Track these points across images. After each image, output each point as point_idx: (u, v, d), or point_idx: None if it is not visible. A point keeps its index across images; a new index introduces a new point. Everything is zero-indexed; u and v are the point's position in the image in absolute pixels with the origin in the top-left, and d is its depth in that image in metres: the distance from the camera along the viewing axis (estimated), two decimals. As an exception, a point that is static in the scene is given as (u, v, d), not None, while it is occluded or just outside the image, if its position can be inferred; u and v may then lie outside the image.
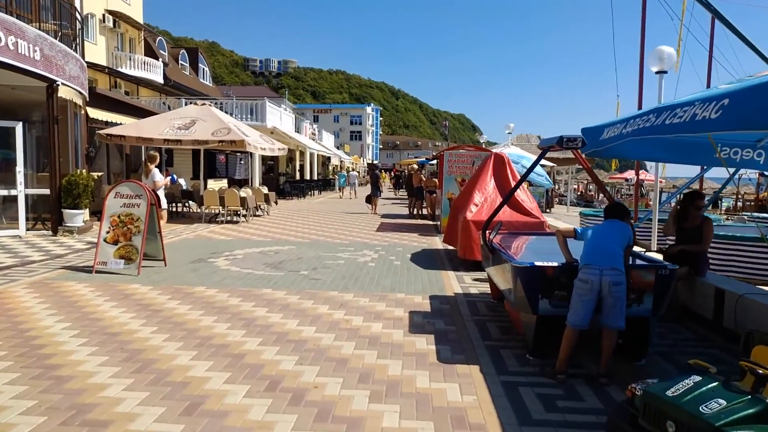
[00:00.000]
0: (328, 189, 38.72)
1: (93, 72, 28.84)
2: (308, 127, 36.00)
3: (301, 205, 23.64)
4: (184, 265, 8.51)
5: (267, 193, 17.27)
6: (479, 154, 13.86)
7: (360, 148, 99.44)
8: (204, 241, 11.39)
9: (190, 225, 14.18)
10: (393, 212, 20.55)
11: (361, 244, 11.52)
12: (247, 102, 26.68)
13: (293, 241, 11.72)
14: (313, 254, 9.94)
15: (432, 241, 12.29)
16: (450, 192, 13.81)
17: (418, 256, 10.02)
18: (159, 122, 15.23)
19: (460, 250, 8.69)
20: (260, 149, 15.99)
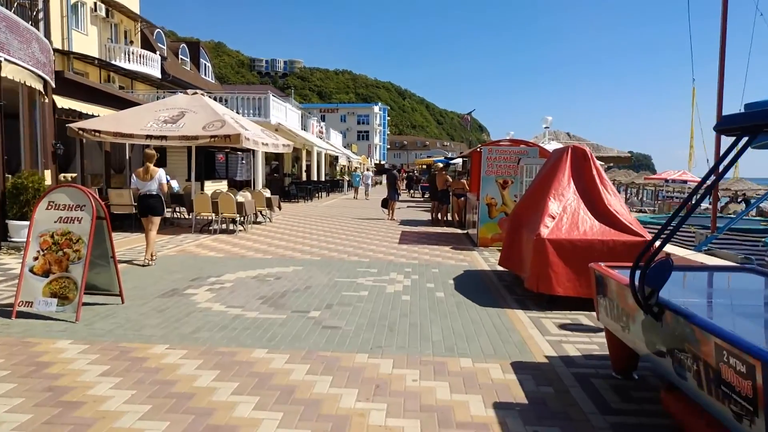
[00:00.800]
0: (336, 190, 36.38)
1: (83, 65, 26.66)
2: (315, 125, 33.66)
3: (309, 209, 21.29)
4: (149, 302, 6.15)
5: (269, 197, 14.94)
6: (525, 150, 11.43)
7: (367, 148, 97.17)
8: (188, 259, 9.03)
9: (176, 236, 11.84)
10: (412, 218, 18.17)
11: (384, 262, 9.14)
12: (249, 96, 24.38)
13: (299, 258, 9.35)
14: (325, 279, 7.57)
15: (472, 258, 9.89)
16: (489, 196, 11.42)
17: (464, 282, 7.62)
18: (142, 115, 12.92)
19: (531, 279, 6.29)
20: (261, 145, 13.65)
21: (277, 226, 14.68)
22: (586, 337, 5.22)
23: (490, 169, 11.42)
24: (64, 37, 25.44)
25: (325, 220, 16.35)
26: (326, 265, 8.69)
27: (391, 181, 17.19)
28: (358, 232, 13.69)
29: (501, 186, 11.40)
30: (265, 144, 14.16)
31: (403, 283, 7.47)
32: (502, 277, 8.11)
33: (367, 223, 15.74)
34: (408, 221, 16.77)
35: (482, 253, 10.52)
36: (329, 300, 6.41)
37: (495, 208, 11.43)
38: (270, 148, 14.46)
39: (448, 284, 7.49)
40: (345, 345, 4.81)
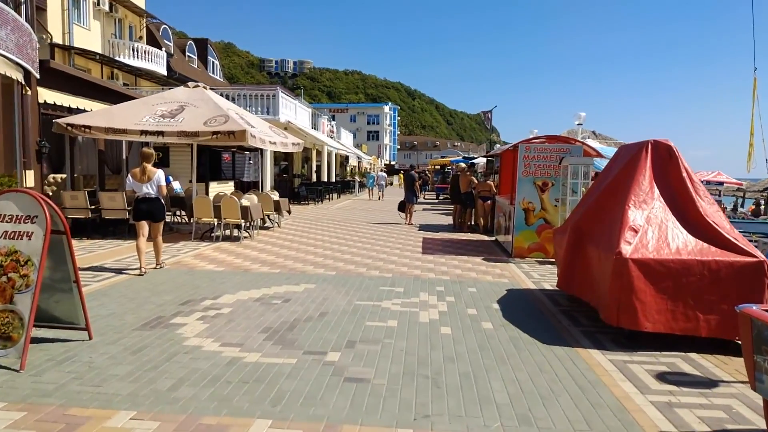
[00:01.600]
0: (347, 192, 35.10)
1: (85, 60, 25.60)
2: (326, 124, 32.42)
3: (320, 212, 20.01)
4: (124, 337, 4.87)
5: (278, 200, 13.66)
6: (567, 148, 10.06)
7: (377, 149, 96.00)
8: (182, 274, 7.76)
9: (174, 244, 10.59)
10: (430, 222, 16.83)
11: (410, 278, 7.81)
12: (257, 92, 23.16)
13: (311, 273, 8.04)
14: (342, 303, 6.26)
15: (511, 273, 8.53)
16: (526, 200, 10.06)
17: (512, 307, 6.28)
18: (137, 109, 11.69)
19: (609, 311, 4.94)
20: (269, 143, 12.37)
21: (286, 232, 13.41)
22: (701, 396, 3.87)
23: (528, 169, 10.06)
24: (65, 32, 24.37)
25: (337, 225, 15.06)
26: (343, 283, 7.37)
27: (409, 182, 15.86)
28: (375, 239, 12.38)
29: (540, 189, 10.04)
30: (273, 142, 12.89)
31: (438, 308, 6.14)
32: (555, 299, 6.76)
33: (383, 229, 14.42)
34: (427, 226, 15.43)
35: (520, 266, 9.16)
36: (350, 334, 5.09)
37: (533, 214, 10.07)
38: (278, 146, 13.19)
39: (492, 310, 6.16)
40: (378, 412, 3.49)
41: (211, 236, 11.51)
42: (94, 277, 7.29)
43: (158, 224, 7.87)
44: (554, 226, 9.98)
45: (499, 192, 12.79)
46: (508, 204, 11.01)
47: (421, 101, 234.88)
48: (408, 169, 16.65)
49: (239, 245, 10.87)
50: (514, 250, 10.16)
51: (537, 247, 10.10)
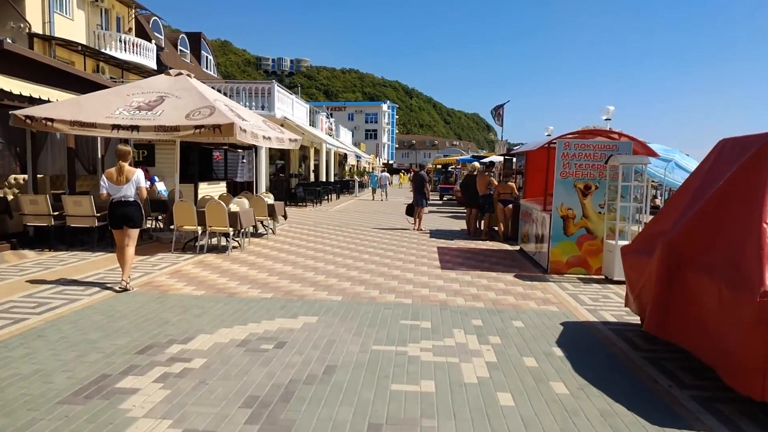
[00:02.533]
0: (346, 192, 33.54)
1: (68, 53, 23.92)
2: (324, 121, 30.83)
3: (319, 215, 18.44)
4: (36, 421, 3.31)
5: (272, 204, 12.09)
6: (614, 145, 8.52)
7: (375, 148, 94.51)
8: (150, 301, 6.20)
9: (149, 257, 9.03)
10: (440, 226, 15.28)
11: (435, 306, 6.27)
12: (251, 86, 21.58)
13: (312, 298, 6.49)
14: (355, 348, 4.71)
15: (553, 294, 7.00)
16: (565, 206, 8.52)
17: (580, 355, 4.75)
18: (109, 99, 10.11)
19: (749, 378, 3.41)
20: (263, 139, 10.80)
21: (282, 240, 11.84)
22: None
23: (567, 169, 8.52)
24: (45, 21, 22.72)
25: (339, 232, 13.50)
26: (352, 314, 5.82)
27: (418, 183, 14.29)
28: (383, 248, 10.82)
29: (581, 193, 8.50)
30: (267, 138, 11.29)
31: (484, 356, 4.59)
32: (629, 337, 5.23)
33: (391, 236, 12.87)
34: (439, 232, 13.89)
35: (562, 285, 7.62)
36: (372, 409, 3.54)
37: (573, 222, 8.54)
38: (274, 143, 11.61)
39: (556, 358, 4.62)
40: None
41: (194, 246, 9.93)
42: (36, 307, 5.72)
43: (134, 232, 6.83)
44: (598, 236, 8.47)
45: (524, 195, 11.24)
46: (539, 210, 9.47)
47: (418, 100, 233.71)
48: (417, 168, 15.06)
49: (226, 258, 9.31)
50: (550, 264, 8.63)
51: (577, 262, 8.57)
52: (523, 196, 11.39)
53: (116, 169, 6.86)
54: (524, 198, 11.17)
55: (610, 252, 8.07)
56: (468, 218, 13.82)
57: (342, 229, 14.11)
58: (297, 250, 10.44)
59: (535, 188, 10.97)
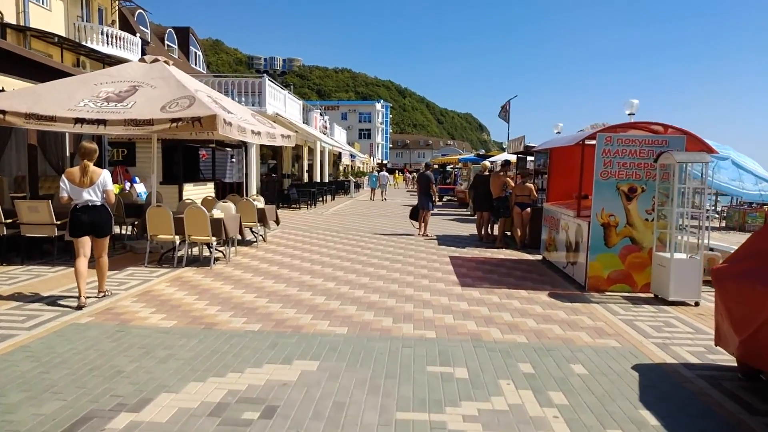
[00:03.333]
0: (341, 193, 32.21)
1: (45, 45, 22.40)
2: (318, 119, 29.49)
3: (313, 218, 17.11)
4: None
5: (262, 208, 10.76)
6: (663, 140, 7.26)
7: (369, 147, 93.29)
8: (104, 337, 4.86)
9: (118, 272, 7.68)
10: (445, 231, 13.99)
11: (466, 340, 4.98)
12: (240, 80, 20.22)
13: (309, 332, 5.17)
14: (373, 418, 3.41)
15: (606, 322, 5.73)
16: (606, 212, 7.27)
17: (684, 420, 3.48)
18: (73, 89, 8.74)
19: None
20: (251, 134, 9.47)
21: (273, 249, 10.52)
22: None
23: (609, 168, 7.25)
24: (20, 11, 21.25)
25: (337, 238, 12.19)
26: (363, 355, 4.52)
27: (424, 184, 12.97)
28: (389, 259, 9.53)
29: (625, 196, 7.24)
30: (257, 133, 9.95)
31: (553, 427, 3.31)
32: (737, 395, 3.96)
33: (395, 243, 11.57)
34: (446, 238, 12.59)
35: (611, 309, 6.35)
36: None
37: (615, 231, 7.27)
38: (264, 139, 10.26)
39: (651, 429, 3.34)
40: None
41: (172, 258, 8.59)
42: (-50, 350, 4.37)
43: (103, 240, 6.11)
44: (644, 247, 7.21)
45: (547, 198, 9.97)
46: (571, 216, 8.20)
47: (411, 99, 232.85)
48: (423, 168, 13.71)
49: (208, 273, 7.99)
50: (588, 280, 7.36)
51: (620, 277, 7.31)
52: (546, 199, 10.11)
53: (80, 169, 5.99)
54: (548, 201, 9.89)
55: (661, 267, 6.81)
56: (479, 223, 12.53)
57: (340, 235, 12.80)
58: (290, 262, 9.11)
59: (560, 190, 9.72)
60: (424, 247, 11.01)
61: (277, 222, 11.47)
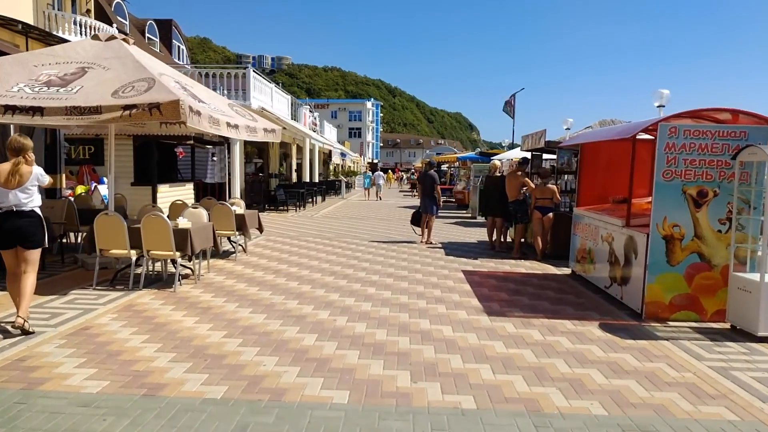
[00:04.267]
0: (331, 193, 30.64)
1: (9, 33, 20.69)
2: (308, 115, 27.89)
3: (303, 222, 15.55)
4: None
5: (242, 214, 9.18)
6: (742, 132, 5.81)
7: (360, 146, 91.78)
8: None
9: (58, 297, 6.10)
10: (450, 237, 12.51)
11: (521, 413, 3.49)
12: (221, 71, 18.61)
13: (295, 400, 3.65)
14: None
15: (687, 367, 4.27)
16: (669, 221, 5.82)
17: None
18: (8, 70, 7.16)
19: None
20: (227, 127, 7.91)
21: (255, 262, 8.96)
22: None
23: (673, 167, 5.80)
24: (-20, -4, 19.46)
25: (330, 246, 10.66)
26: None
27: (428, 185, 11.45)
28: (392, 274, 8.02)
29: (693, 201, 5.79)
30: (234, 126, 8.37)
31: None
32: None
33: (396, 252, 10.07)
34: (453, 246, 11.11)
35: (688, 349, 4.88)
36: None
37: (680, 246, 5.81)
38: (243, 133, 8.68)
39: None
40: None
41: (130, 276, 7.00)
42: None
43: (31, 253, 4.99)
44: (716, 265, 5.77)
45: (578, 201, 8.50)
46: (618, 225, 6.72)
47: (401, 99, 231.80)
48: (426, 167, 12.12)
49: (170, 298, 6.43)
50: (645, 306, 5.90)
51: (686, 303, 5.86)
52: (576, 203, 8.64)
53: (8, 167, 4.92)
54: (579, 205, 8.42)
55: (745, 292, 5.35)
56: (490, 229, 11.06)
57: (333, 243, 11.27)
58: (273, 281, 7.57)
59: (593, 192, 8.25)
60: (430, 259, 9.51)
61: (260, 229, 9.91)
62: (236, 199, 10.61)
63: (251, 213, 9.60)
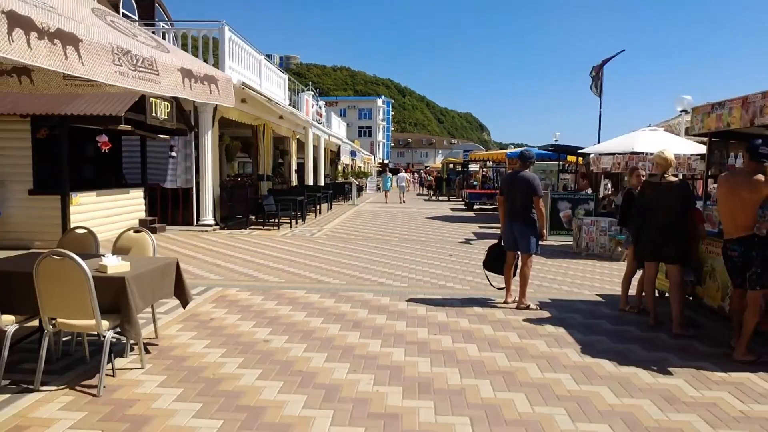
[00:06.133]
0: (340, 198, 25.43)
1: None
2: (311, 102, 22.63)
3: (294, 251, 10.29)
4: None
5: (120, 277, 3.93)
6: None
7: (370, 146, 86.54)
8: None
9: None
10: (541, 282, 7.25)
11: None
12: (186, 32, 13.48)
13: None
14: None
15: None
16: None
17: None
18: None
19: None
20: (109, 67, 2.58)
21: (170, 376, 3.65)
22: None
23: None
24: None
25: (331, 321, 5.41)
26: None
27: (523, 196, 6.08)
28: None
29: None
30: (122, 73, 3.12)
31: None
32: None
33: (465, 337, 4.83)
34: (561, 308, 5.86)
35: None
36: None
37: None
38: (142, 83, 3.41)
39: None
40: None
41: None
42: None
43: None
44: None
45: None
46: None
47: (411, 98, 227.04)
48: (519, 163, 6.60)
49: (92, 408, 1.10)
50: None
51: None
52: None
53: None
54: None
55: None
56: (647, 283, 5.77)
57: (339, 303, 6.03)
58: None
59: None
60: (548, 362, 4.24)
61: (183, 300, 4.60)
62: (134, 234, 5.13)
63: (155, 270, 4.26)
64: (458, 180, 32.43)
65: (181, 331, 4.93)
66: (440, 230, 14.29)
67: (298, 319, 5.46)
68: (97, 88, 4.77)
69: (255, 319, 5.42)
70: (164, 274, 4.25)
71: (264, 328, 5.10)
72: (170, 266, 4.34)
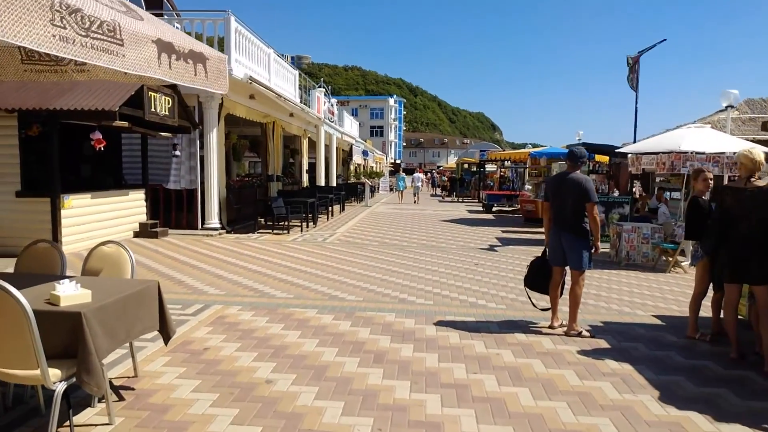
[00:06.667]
0: (353, 199, 24.57)
1: None
2: (323, 100, 21.77)
3: (305, 258, 9.41)
4: None
5: (77, 312, 3.08)
6: None
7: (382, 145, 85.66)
8: None
9: None
10: (587, 301, 6.30)
11: None
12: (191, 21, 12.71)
13: None
14: None
15: None
16: None
17: None
18: None
19: None
20: None
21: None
22: None
23: None
24: None
25: (345, 353, 4.51)
26: None
27: (575, 201, 5.12)
28: None
29: None
30: (65, 38, 2.22)
31: None
32: None
33: (513, 378, 3.89)
34: (616, 334, 4.92)
35: None
36: None
37: None
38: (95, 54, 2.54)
39: None
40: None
41: None
42: None
43: None
44: None
45: None
46: None
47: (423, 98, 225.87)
48: (569, 164, 5.65)
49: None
50: None
51: None
52: None
53: None
54: None
55: None
56: (726, 307, 4.81)
57: (355, 327, 5.12)
58: None
59: None
60: (623, 415, 3.31)
61: (165, 335, 3.74)
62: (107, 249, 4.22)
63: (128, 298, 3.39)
64: (474, 180, 31.44)
65: (166, 366, 4.07)
66: (461, 235, 13.34)
67: (308, 349, 4.57)
68: (62, 74, 3.90)
69: (257, 349, 4.54)
70: (141, 303, 3.38)
71: (267, 363, 4.22)
72: (149, 292, 3.47)
